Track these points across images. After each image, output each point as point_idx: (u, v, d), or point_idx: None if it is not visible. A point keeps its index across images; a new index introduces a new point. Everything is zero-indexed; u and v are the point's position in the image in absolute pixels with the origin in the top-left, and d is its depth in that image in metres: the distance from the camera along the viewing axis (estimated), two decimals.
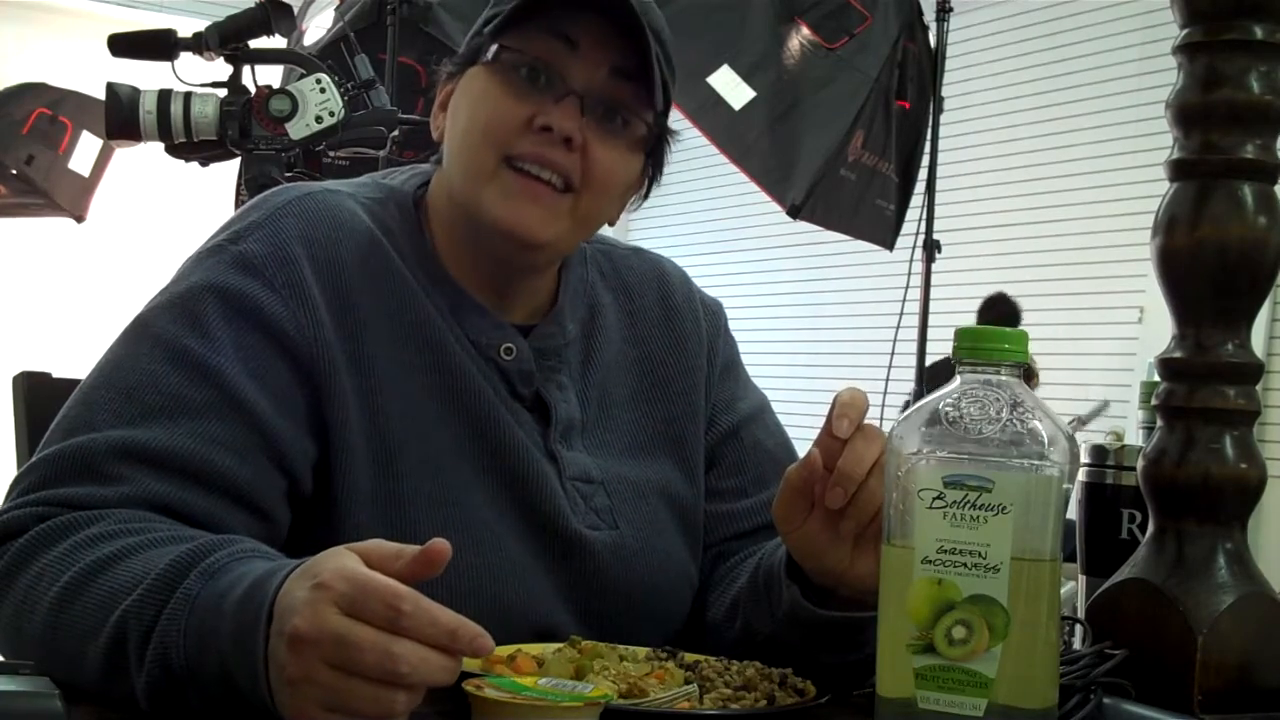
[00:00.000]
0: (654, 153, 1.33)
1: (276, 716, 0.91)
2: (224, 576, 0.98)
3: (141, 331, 1.20)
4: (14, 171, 5.15)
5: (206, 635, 0.96)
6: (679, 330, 1.43)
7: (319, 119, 2.84)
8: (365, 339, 1.23)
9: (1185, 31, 1.20)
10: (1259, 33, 1.17)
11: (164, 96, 2.81)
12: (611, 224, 1.35)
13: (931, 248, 4.75)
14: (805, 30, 4.44)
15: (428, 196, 1.33)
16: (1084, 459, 1.50)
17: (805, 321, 8.06)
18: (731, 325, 1.52)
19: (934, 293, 4.85)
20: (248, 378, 1.17)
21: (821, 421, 1.17)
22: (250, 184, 2.80)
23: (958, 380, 0.98)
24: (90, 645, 1.02)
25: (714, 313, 1.49)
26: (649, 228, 8.91)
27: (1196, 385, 1.19)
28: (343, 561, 0.89)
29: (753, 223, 7.91)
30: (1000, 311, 6.15)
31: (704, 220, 8.70)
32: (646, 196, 1.37)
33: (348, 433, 1.21)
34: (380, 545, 0.92)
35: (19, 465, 1.46)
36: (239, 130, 2.83)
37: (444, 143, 1.31)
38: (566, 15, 1.24)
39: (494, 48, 1.25)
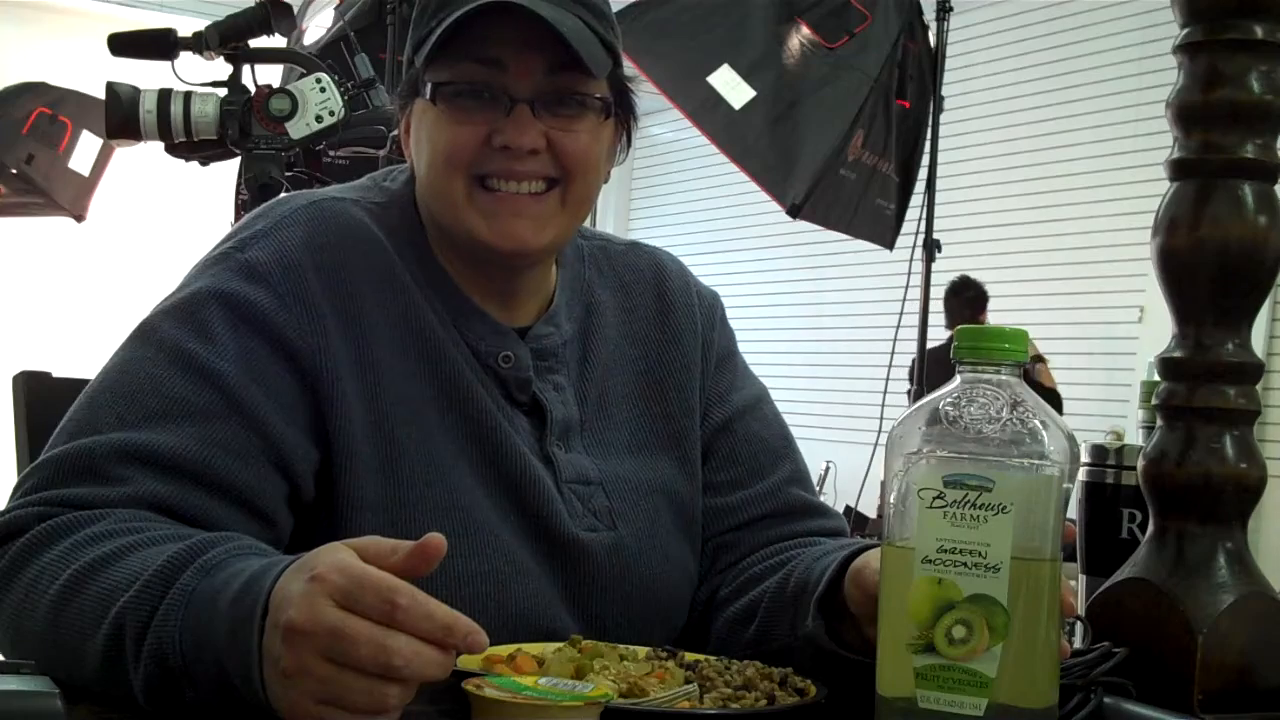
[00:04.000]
0: (620, 107, 1.32)
1: (271, 712, 0.91)
2: (220, 572, 0.98)
3: (146, 336, 1.21)
4: (14, 171, 5.15)
5: (202, 630, 0.96)
6: (676, 326, 1.43)
7: (319, 118, 2.84)
8: (369, 345, 1.24)
9: (1185, 31, 1.20)
10: (1259, 32, 1.17)
11: (164, 96, 2.81)
12: (605, 180, 1.35)
13: (931, 247, 4.75)
14: (805, 30, 4.44)
15: (418, 205, 1.34)
16: (1084, 458, 1.50)
17: (805, 321, 8.06)
18: (731, 325, 1.52)
19: (934, 292, 4.86)
20: (251, 382, 1.17)
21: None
22: (250, 183, 2.80)
23: (958, 380, 0.98)
24: (89, 642, 1.02)
25: (710, 304, 1.48)
26: (648, 227, 8.91)
27: (1197, 385, 1.19)
28: (338, 556, 0.90)
29: (752, 222, 7.92)
30: (970, 294, 6.20)
31: (703, 220, 8.70)
32: (629, 146, 1.37)
33: (351, 438, 1.21)
34: (376, 541, 0.92)
35: (19, 465, 1.47)
36: (239, 129, 2.82)
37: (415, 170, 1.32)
38: (484, 41, 1.23)
39: (428, 85, 1.25)
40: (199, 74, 2.92)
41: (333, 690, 0.87)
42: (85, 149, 5.23)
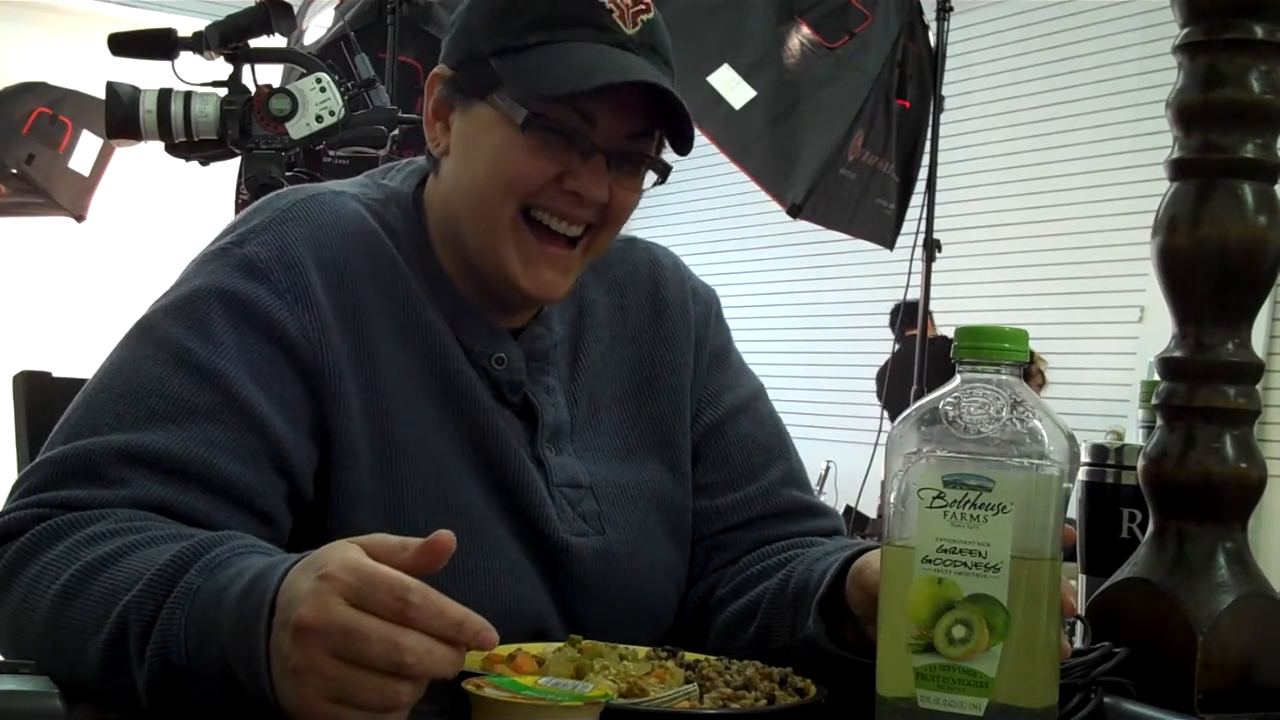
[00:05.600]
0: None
1: (278, 711, 0.91)
2: (225, 571, 0.98)
3: (145, 334, 1.20)
4: (14, 171, 5.15)
5: (207, 629, 0.96)
6: (669, 326, 1.43)
7: (319, 118, 2.84)
8: (370, 341, 1.23)
9: (1185, 31, 1.20)
10: (1259, 32, 1.17)
11: (164, 96, 2.81)
12: None
13: (931, 247, 4.74)
14: (805, 29, 4.44)
15: (424, 200, 1.33)
16: (1084, 458, 1.50)
17: (805, 321, 8.06)
18: (730, 325, 1.51)
19: (934, 292, 4.85)
20: (251, 381, 1.17)
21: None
22: (250, 183, 2.80)
23: (958, 379, 0.98)
24: (91, 642, 1.02)
25: (705, 301, 1.48)
26: (647, 227, 8.91)
27: (1197, 384, 1.19)
28: (348, 554, 0.90)
29: (752, 222, 7.92)
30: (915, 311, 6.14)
31: (703, 220, 8.70)
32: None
33: (351, 436, 1.21)
34: (384, 538, 0.92)
35: (19, 465, 1.46)
36: (239, 129, 2.83)
37: (446, 162, 1.29)
38: (588, 94, 1.21)
39: (517, 107, 1.22)
40: (199, 74, 2.93)
41: (343, 689, 0.87)
42: (85, 149, 5.23)
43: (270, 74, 3.07)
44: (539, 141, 1.22)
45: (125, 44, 2.91)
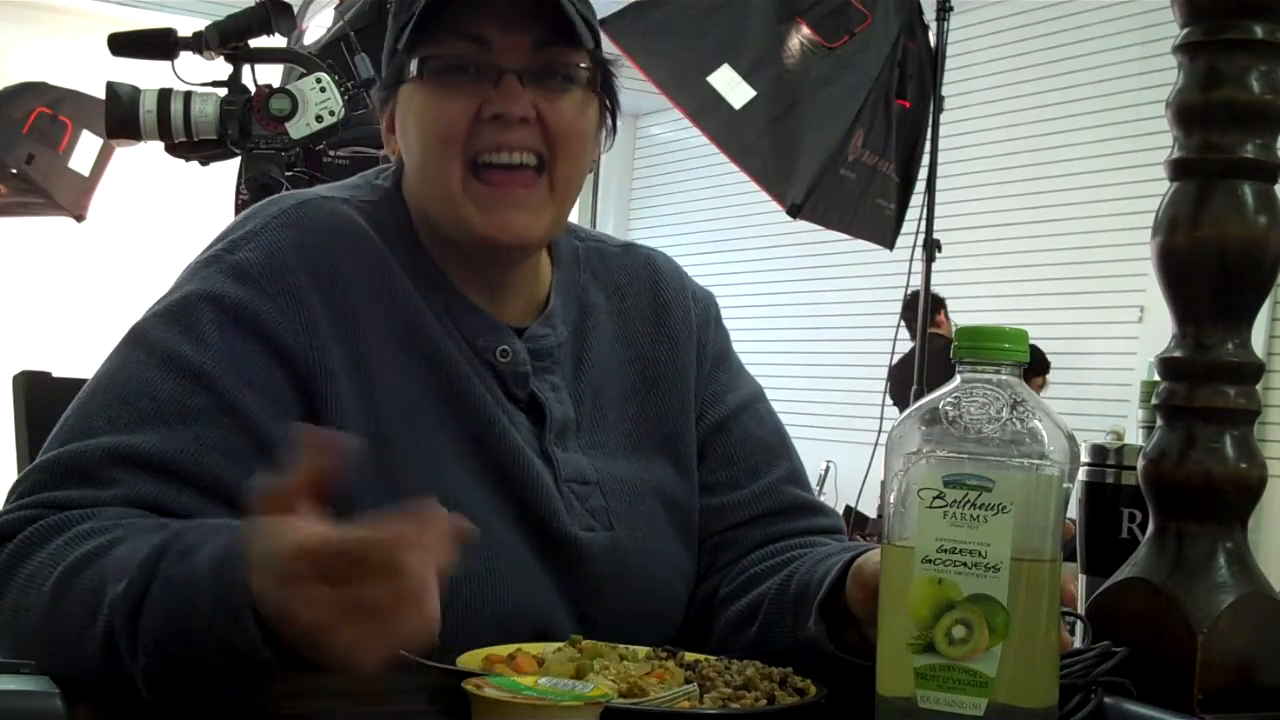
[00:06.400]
0: (604, 87, 1.33)
1: (274, 679, 0.91)
2: (196, 554, 0.98)
3: (138, 340, 1.21)
4: (14, 171, 5.15)
5: (189, 611, 0.95)
6: (670, 327, 1.43)
7: (319, 118, 2.84)
8: (364, 343, 1.24)
9: (1185, 31, 1.20)
10: (1259, 32, 1.17)
11: (164, 96, 2.81)
12: (590, 170, 1.36)
13: (931, 247, 4.75)
14: (805, 29, 4.44)
15: (407, 202, 1.34)
16: (1084, 458, 1.50)
17: (805, 321, 8.07)
18: (731, 326, 1.52)
19: (934, 292, 4.86)
20: (242, 384, 1.17)
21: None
22: (250, 183, 2.80)
23: (958, 379, 0.98)
24: (86, 636, 1.02)
25: (704, 305, 1.48)
26: (648, 227, 8.91)
27: (1197, 385, 1.19)
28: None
29: (752, 222, 7.93)
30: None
31: (703, 220, 8.71)
32: (614, 130, 1.37)
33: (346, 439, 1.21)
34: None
35: (19, 465, 1.47)
36: (239, 129, 2.82)
37: (404, 162, 1.32)
38: (468, 18, 1.24)
39: (414, 62, 1.26)
40: (199, 74, 2.92)
41: (351, 598, 0.87)
42: (85, 149, 5.23)
43: (270, 74, 3.07)
44: (445, 85, 1.25)
45: (125, 44, 2.91)
